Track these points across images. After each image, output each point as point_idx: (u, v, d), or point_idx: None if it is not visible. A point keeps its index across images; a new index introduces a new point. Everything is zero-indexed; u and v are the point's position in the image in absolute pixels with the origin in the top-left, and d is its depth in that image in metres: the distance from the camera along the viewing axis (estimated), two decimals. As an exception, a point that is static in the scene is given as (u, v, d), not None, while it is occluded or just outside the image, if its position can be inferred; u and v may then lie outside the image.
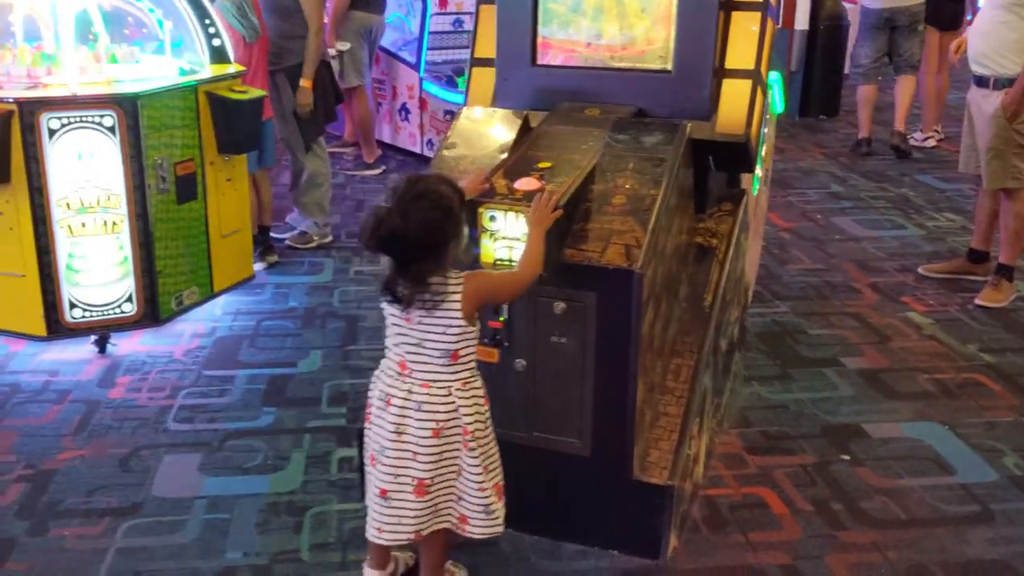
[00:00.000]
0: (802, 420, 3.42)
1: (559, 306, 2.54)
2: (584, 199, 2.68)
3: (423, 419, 2.23)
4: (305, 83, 4.92)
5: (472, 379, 2.28)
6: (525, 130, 3.06)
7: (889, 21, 7.07)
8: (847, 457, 3.19)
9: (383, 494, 2.28)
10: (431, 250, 2.15)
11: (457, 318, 2.20)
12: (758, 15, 3.08)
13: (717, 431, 3.20)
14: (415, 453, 2.24)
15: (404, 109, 7.29)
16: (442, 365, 2.23)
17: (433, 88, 6.96)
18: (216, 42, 4.25)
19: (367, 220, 2.15)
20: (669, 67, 3.10)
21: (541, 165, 2.75)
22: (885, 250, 5.27)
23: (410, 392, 2.24)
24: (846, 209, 6.04)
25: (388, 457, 2.26)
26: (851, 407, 3.52)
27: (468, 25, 7.73)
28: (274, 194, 6.11)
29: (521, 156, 2.86)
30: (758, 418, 3.43)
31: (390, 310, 2.28)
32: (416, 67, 7.10)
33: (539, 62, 3.26)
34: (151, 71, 4.01)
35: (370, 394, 2.36)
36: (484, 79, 3.35)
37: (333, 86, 5.26)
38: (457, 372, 2.25)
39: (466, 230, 2.28)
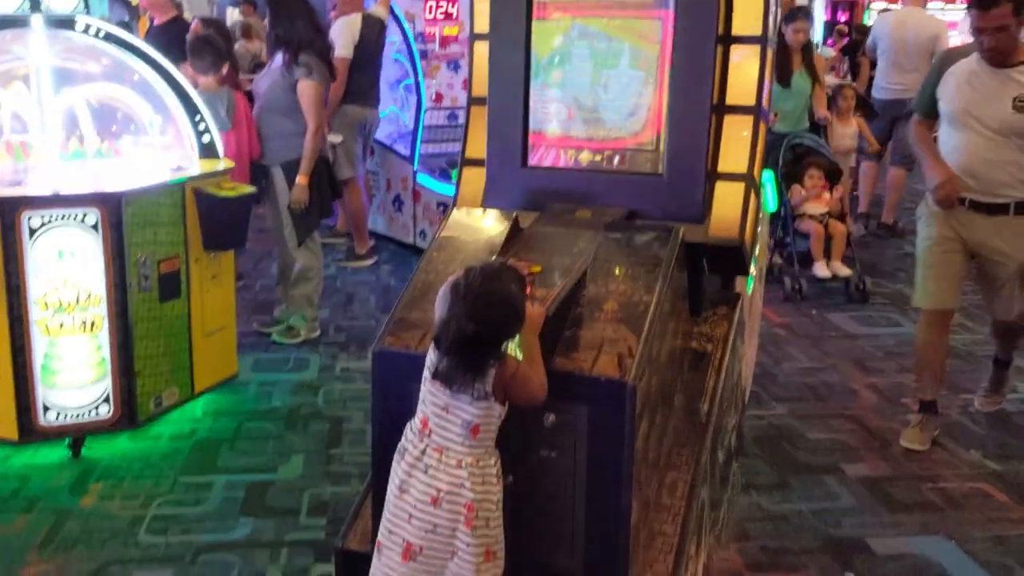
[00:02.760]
0: (803, 533, 3.28)
1: (549, 418, 2.42)
2: (575, 304, 2.59)
3: (426, 483, 2.22)
4: (302, 179, 4.89)
5: (487, 457, 2.26)
6: (515, 231, 2.99)
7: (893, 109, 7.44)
8: (851, 575, 3.05)
9: (378, 546, 2.29)
10: (499, 346, 2.23)
11: (487, 393, 2.21)
12: (750, 119, 3.05)
13: (715, 547, 3.06)
14: (410, 515, 2.23)
15: (397, 200, 7.28)
16: (460, 436, 2.23)
17: (427, 180, 6.97)
18: (206, 138, 4.22)
19: (445, 328, 2.20)
20: (660, 170, 3.06)
21: (532, 270, 2.67)
22: (882, 348, 5.18)
23: (423, 453, 2.25)
24: (841, 304, 5.98)
25: (389, 511, 2.27)
26: (853, 519, 3.38)
27: (463, 119, 7.78)
28: (262, 287, 6.09)
29: (511, 258, 2.79)
30: (757, 531, 3.29)
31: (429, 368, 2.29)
32: (410, 159, 7.12)
33: (530, 163, 3.22)
34: (138, 167, 3.96)
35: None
36: (474, 179, 3.31)
37: (331, 181, 5.23)
38: (473, 448, 2.24)
39: None
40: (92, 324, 3.63)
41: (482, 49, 3.30)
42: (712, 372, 2.99)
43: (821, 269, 6.15)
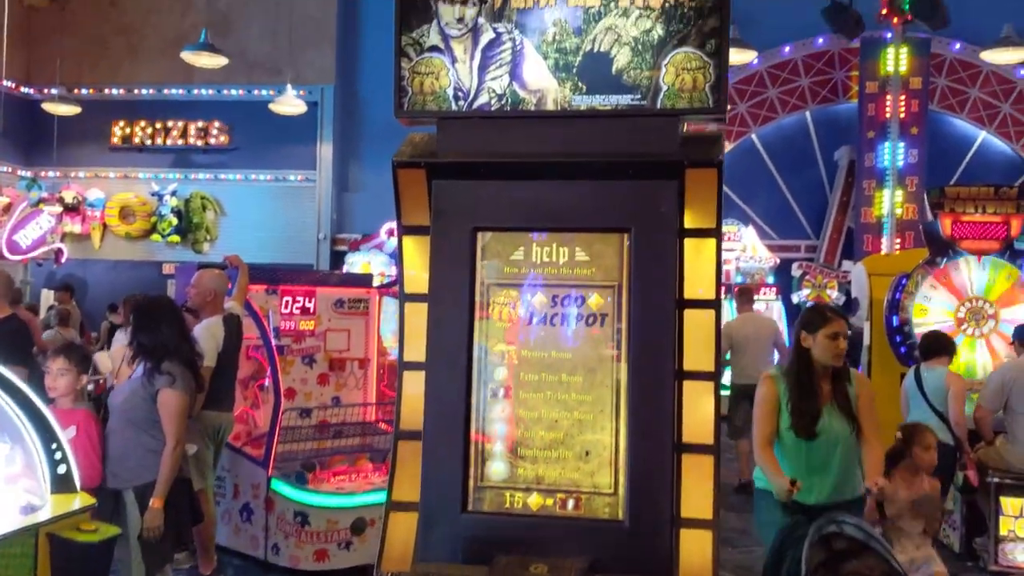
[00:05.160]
0: None
1: None
2: None
3: None
4: (156, 503, 4.28)
5: None
6: (469, 599, 2.61)
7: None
8: None
9: None
10: None
11: None
12: (711, 459, 2.88)
13: None
14: None
15: (246, 509, 6.60)
16: None
17: (281, 487, 6.39)
18: (61, 469, 3.63)
19: None
20: (621, 516, 2.80)
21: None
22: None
23: None
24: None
25: None
26: None
27: (316, 415, 7.37)
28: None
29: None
30: None
31: None
32: (263, 464, 6.55)
33: (470, 508, 2.89)
34: (-20, 509, 3.33)
35: None
36: (404, 526, 2.94)
37: (190, 504, 4.62)
38: None
39: None
40: None
41: (413, 380, 3.03)
42: None
43: None
